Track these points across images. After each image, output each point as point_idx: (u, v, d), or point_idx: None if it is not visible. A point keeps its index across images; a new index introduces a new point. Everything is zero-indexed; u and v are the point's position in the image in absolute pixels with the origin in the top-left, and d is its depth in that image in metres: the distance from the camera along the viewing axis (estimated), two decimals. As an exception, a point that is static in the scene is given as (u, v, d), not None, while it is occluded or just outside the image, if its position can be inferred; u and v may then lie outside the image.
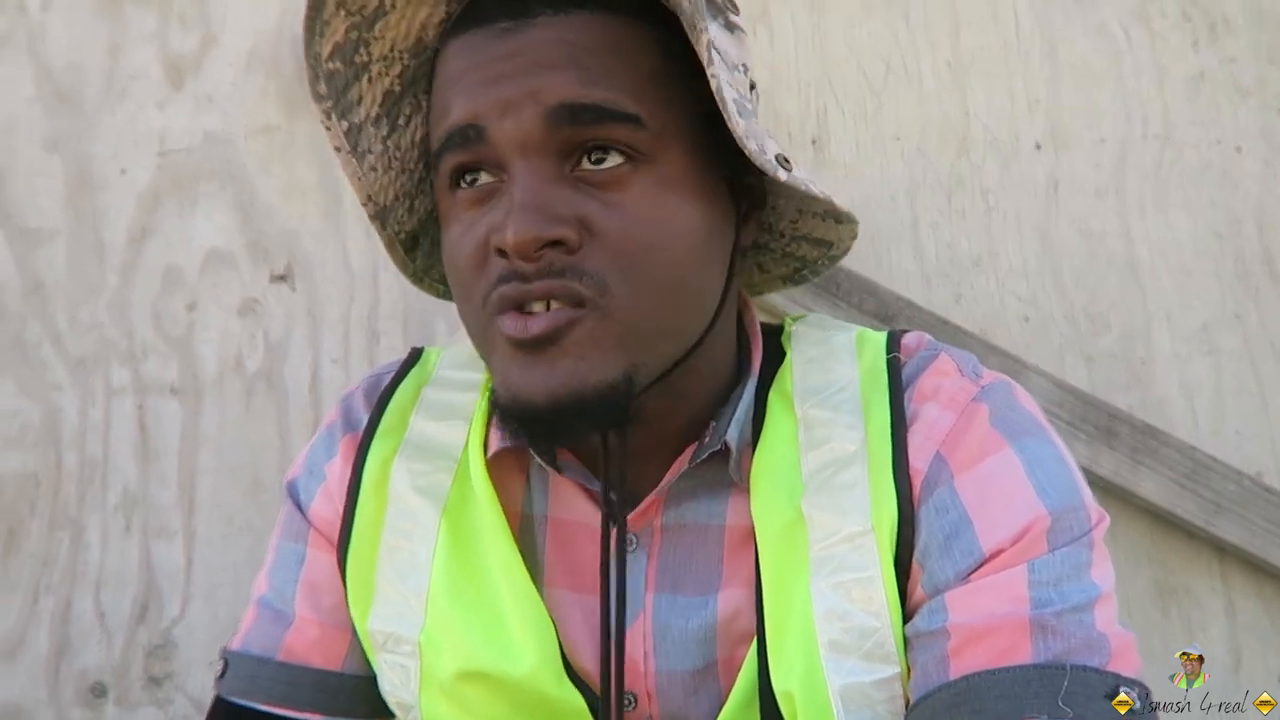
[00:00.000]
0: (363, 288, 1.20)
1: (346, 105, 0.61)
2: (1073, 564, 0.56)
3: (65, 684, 1.12)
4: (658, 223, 0.55)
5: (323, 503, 0.70)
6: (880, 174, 1.23)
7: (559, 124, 0.54)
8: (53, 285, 1.19)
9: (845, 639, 0.57)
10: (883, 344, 0.67)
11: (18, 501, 1.15)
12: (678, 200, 0.56)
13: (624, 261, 0.54)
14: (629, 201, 0.55)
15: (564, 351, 0.54)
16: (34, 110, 1.22)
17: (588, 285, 0.54)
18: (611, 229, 0.54)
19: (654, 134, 0.55)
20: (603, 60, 0.55)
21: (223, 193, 1.21)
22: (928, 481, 0.60)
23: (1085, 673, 0.53)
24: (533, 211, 0.53)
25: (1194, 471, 1.13)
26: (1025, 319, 1.21)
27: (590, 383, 0.54)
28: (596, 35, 0.55)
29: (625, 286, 0.54)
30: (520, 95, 0.54)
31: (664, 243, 0.56)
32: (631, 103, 0.55)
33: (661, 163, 0.56)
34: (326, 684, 0.68)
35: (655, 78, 0.56)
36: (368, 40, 0.60)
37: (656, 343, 0.57)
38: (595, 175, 0.55)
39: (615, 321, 0.55)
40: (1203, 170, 1.24)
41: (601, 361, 0.54)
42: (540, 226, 0.52)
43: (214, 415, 1.17)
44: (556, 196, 0.54)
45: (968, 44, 1.26)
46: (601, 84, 0.54)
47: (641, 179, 0.55)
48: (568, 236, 0.53)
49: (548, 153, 0.55)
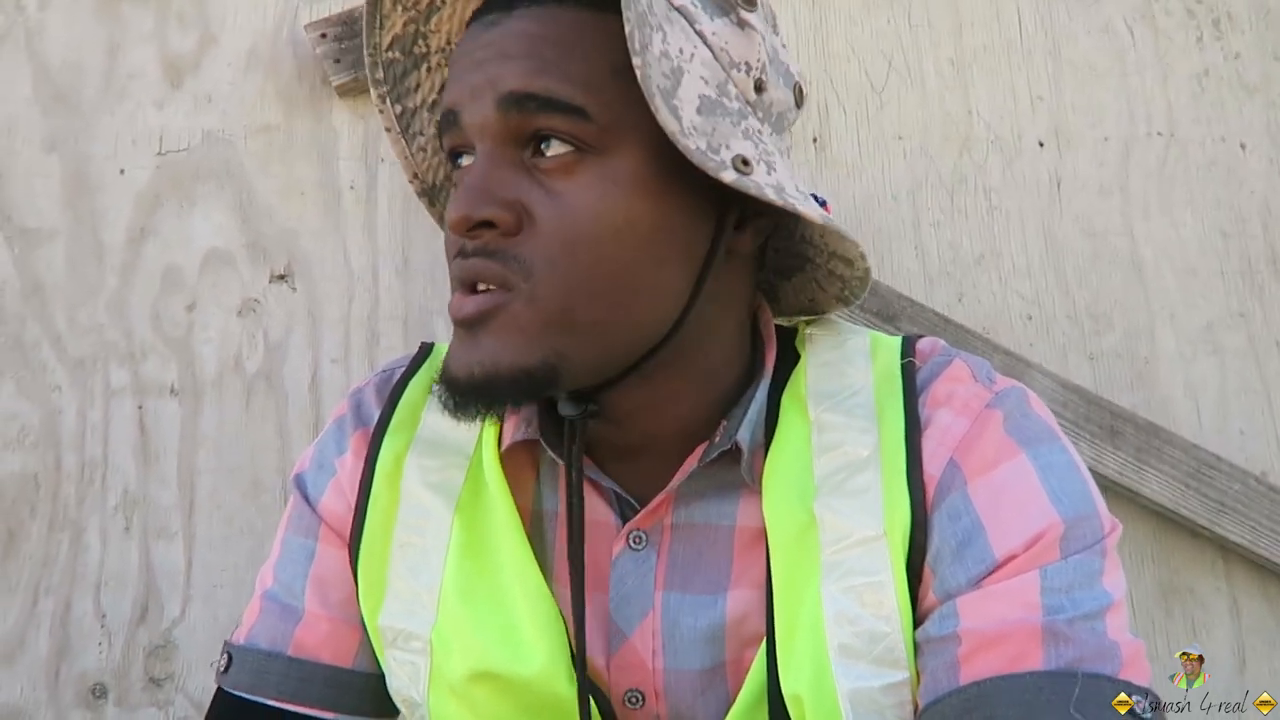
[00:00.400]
0: (362, 287, 1.19)
1: (403, 90, 0.67)
2: (1085, 571, 0.56)
3: (65, 685, 1.12)
4: (596, 216, 0.55)
5: (333, 497, 0.70)
6: (882, 173, 1.23)
7: (508, 111, 0.55)
8: (52, 286, 1.18)
9: (855, 643, 0.57)
10: (897, 348, 0.67)
11: (17, 503, 1.14)
12: (624, 195, 0.56)
13: (554, 250, 0.55)
14: (569, 192, 0.55)
15: (488, 332, 0.56)
16: (32, 110, 1.21)
17: (514, 270, 0.55)
18: (547, 217, 0.55)
19: (602, 127, 0.55)
20: (559, 51, 0.55)
21: (222, 192, 1.21)
22: (941, 487, 0.60)
23: (1097, 680, 0.52)
24: (472, 192, 0.55)
25: (1198, 471, 1.13)
26: (1028, 318, 1.20)
27: (504, 364, 0.55)
28: (561, 27, 0.56)
29: (552, 274, 0.55)
30: (482, 83, 0.56)
31: (599, 236, 0.55)
32: (580, 94, 0.55)
33: (612, 157, 0.56)
34: (337, 680, 0.67)
35: (619, 72, 0.55)
36: (425, 34, 0.65)
37: (587, 335, 0.57)
38: (542, 163, 0.56)
39: (539, 309, 0.55)
40: (1207, 168, 1.24)
41: (520, 345, 0.56)
42: (472, 207, 0.55)
43: (214, 416, 1.16)
44: (501, 180, 0.56)
45: (970, 42, 1.26)
46: (551, 74, 0.55)
47: (587, 171, 0.56)
48: (498, 217, 0.55)
49: (504, 139, 0.56)
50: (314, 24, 1.20)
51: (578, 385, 0.59)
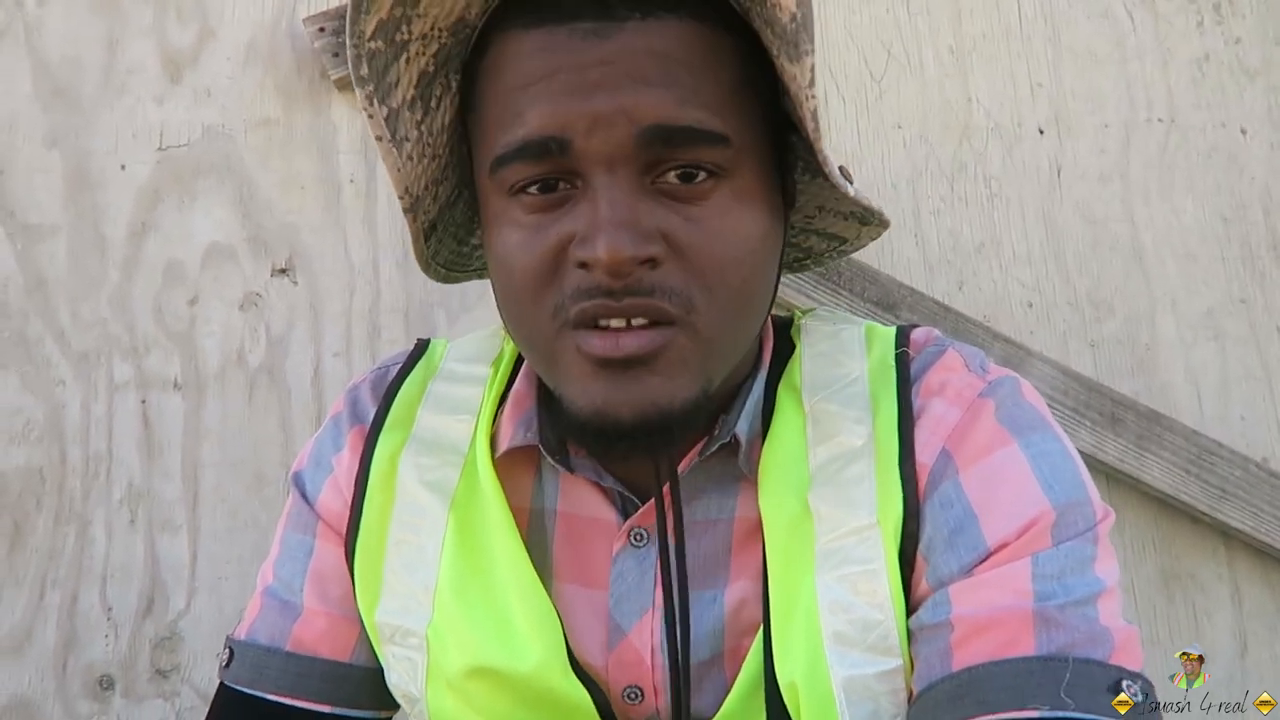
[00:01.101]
0: (363, 281, 1.20)
1: (386, 89, 0.58)
2: (1077, 558, 0.56)
3: (73, 677, 1.13)
4: (736, 237, 0.55)
5: (331, 494, 0.70)
6: (882, 162, 1.23)
7: (651, 144, 0.53)
8: (54, 281, 1.19)
9: (849, 631, 0.57)
10: (892, 339, 0.67)
11: (23, 497, 1.15)
12: (751, 213, 0.56)
13: (707, 278, 0.54)
14: (709, 216, 0.54)
15: (653, 371, 0.54)
16: (33, 106, 1.22)
17: (675, 304, 0.53)
18: (693, 244, 0.54)
19: (736, 150, 0.55)
20: (694, 75, 0.53)
21: (222, 187, 1.21)
22: (933, 476, 0.60)
23: (1088, 665, 0.52)
24: (624, 228, 0.51)
25: (1199, 457, 1.13)
26: (1029, 305, 1.20)
27: (678, 401, 0.54)
28: (688, 46, 0.54)
29: (710, 303, 0.54)
30: (613, 111, 0.52)
31: (741, 256, 0.55)
32: (720, 122, 0.54)
33: (738, 176, 0.55)
34: (335, 674, 0.68)
35: (737, 90, 0.55)
36: (410, 17, 0.56)
37: (731, 355, 0.58)
38: (678, 190, 0.54)
39: (702, 339, 0.55)
40: (1208, 154, 1.24)
41: (687, 380, 0.55)
42: (634, 244, 0.51)
43: (216, 409, 1.17)
44: (642, 211, 0.53)
45: (970, 29, 1.26)
46: (693, 102, 0.53)
47: (721, 193, 0.55)
48: (658, 254, 0.53)
49: (634, 167, 0.53)
50: (312, 18, 1.20)
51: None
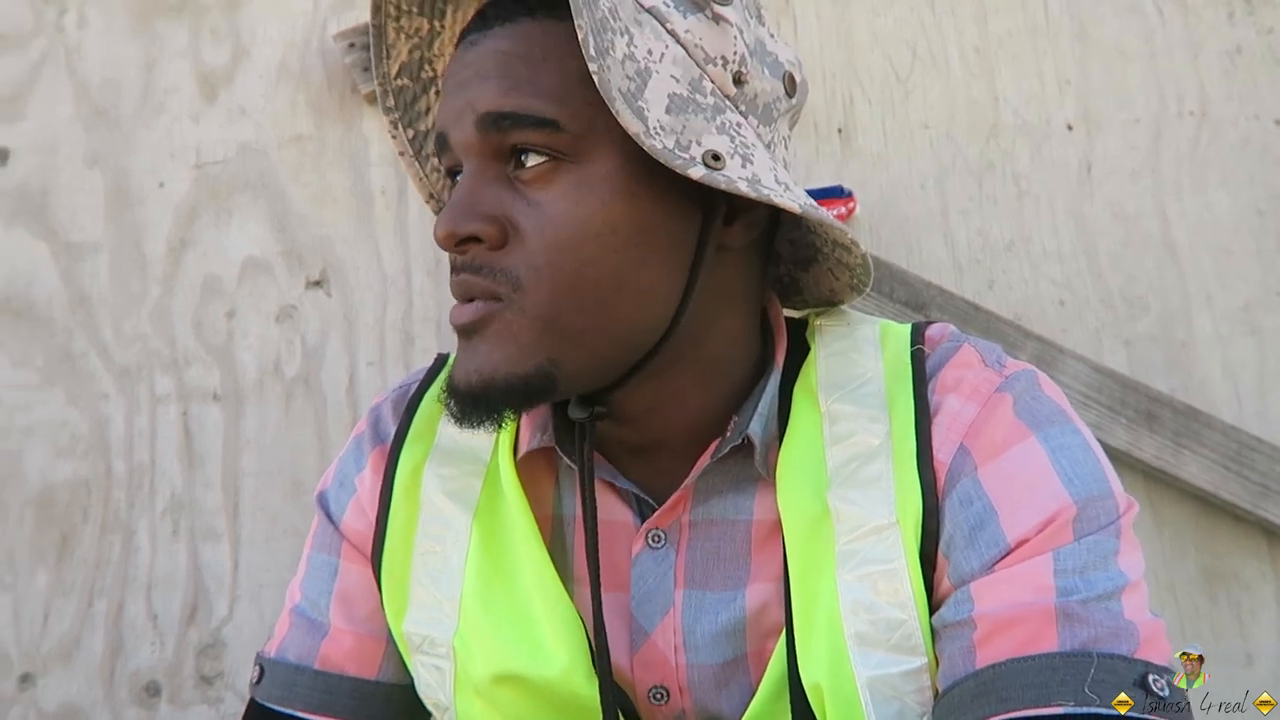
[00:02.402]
0: (396, 292, 1.22)
1: (414, 115, 0.68)
2: (1099, 552, 0.55)
3: (120, 684, 1.15)
4: (576, 221, 0.56)
5: (354, 515, 0.71)
6: (908, 162, 1.22)
7: (486, 130, 0.57)
8: (97, 298, 1.22)
9: (871, 631, 0.57)
10: (907, 336, 0.67)
11: (70, 508, 1.18)
12: (602, 199, 0.56)
13: (539, 259, 0.56)
14: (548, 201, 0.56)
15: (483, 339, 0.57)
16: (74, 128, 1.26)
17: (501, 282, 0.56)
18: (529, 227, 0.56)
19: (576, 135, 0.56)
20: (529, 67, 0.56)
21: (257, 202, 1.24)
22: (951, 473, 0.59)
23: (1112, 660, 0.52)
24: (456, 208, 0.56)
25: (1239, 453, 1.11)
26: (1061, 303, 1.19)
27: (501, 372, 0.56)
28: (530, 42, 0.57)
29: (538, 283, 0.56)
30: (463, 105, 0.57)
31: (580, 241, 0.56)
32: (551, 107, 0.56)
33: (587, 162, 0.57)
34: (362, 692, 0.69)
35: (587, 79, 0.56)
36: (430, 59, 0.67)
37: (579, 340, 0.58)
38: (523, 175, 0.57)
39: (530, 317, 0.56)
40: (1241, 146, 1.22)
41: (515, 353, 0.57)
42: (456, 223, 0.56)
43: (255, 420, 1.19)
44: (485, 195, 0.57)
45: (995, 27, 1.25)
46: (522, 91, 0.56)
47: (564, 179, 0.56)
48: (482, 231, 0.56)
49: (486, 156, 0.58)
50: (342, 34, 1.22)
51: (579, 390, 0.60)
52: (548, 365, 0.57)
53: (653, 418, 0.64)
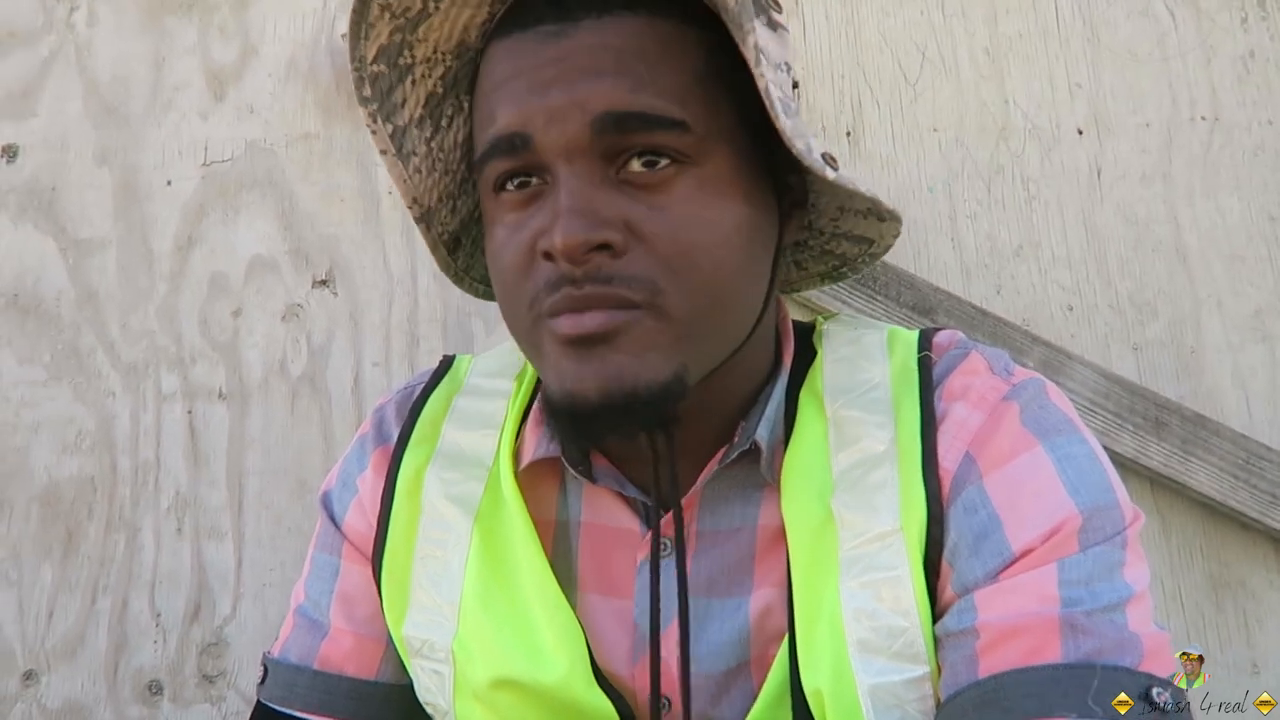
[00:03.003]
0: (402, 291, 1.22)
1: (391, 108, 0.61)
2: (1105, 563, 0.55)
3: (123, 682, 1.15)
4: (702, 224, 0.55)
5: (356, 516, 0.71)
6: (917, 165, 1.22)
7: (604, 131, 0.54)
8: (104, 294, 1.22)
9: (874, 638, 0.57)
10: (914, 343, 0.66)
11: (76, 505, 1.19)
12: (722, 201, 0.56)
13: (671, 263, 0.54)
14: (673, 204, 0.55)
15: (617, 349, 0.54)
16: (83, 125, 1.26)
17: (637, 289, 0.54)
18: (657, 231, 0.54)
19: (699, 137, 0.55)
20: (649, 65, 0.54)
21: (264, 201, 1.24)
22: (957, 481, 0.59)
23: (1116, 672, 0.51)
24: (579, 215, 0.53)
25: (1248, 462, 1.10)
26: (1069, 308, 1.18)
27: (643, 380, 0.54)
28: (642, 38, 0.55)
29: (675, 287, 0.54)
30: (566, 103, 0.54)
31: (709, 243, 0.55)
32: (677, 108, 0.54)
33: (706, 164, 0.56)
34: (360, 692, 0.69)
35: (701, 79, 0.56)
36: (411, 43, 0.60)
37: (707, 342, 0.57)
38: (640, 178, 0.55)
39: (669, 321, 0.55)
40: (1254, 151, 1.21)
41: (655, 360, 0.54)
42: (586, 230, 0.52)
43: (260, 418, 1.19)
44: (601, 200, 0.54)
45: (1006, 30, 1.24)
46: (647, 90, 0.54)
47: (685, 181, 0.55)
48: (613, 239, 0.53)
49: (593, 157, 0.55)
50: (350, 33, 1.22)
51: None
52: (681, 370, 0.55)
53: (688, 424, 0.61)
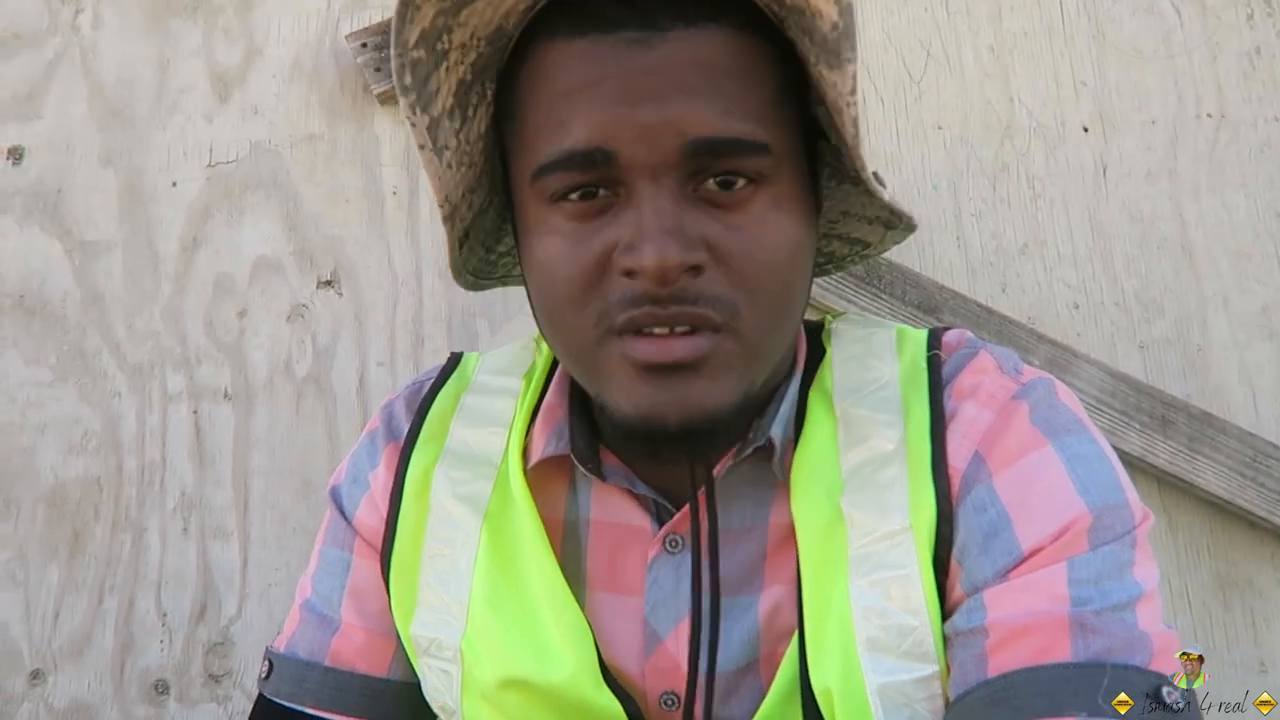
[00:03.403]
0: (406, 292, 1.22)
1: (427, 97, 0.57)
2: (1114, 562, 0.55)
3: (130, 682, 1.16)
4: (775, 243, 0.55)
5: (368, 511, 0.71)
6: (922, 163, 1.22)
7: (697, 154, 0.53)
8: (110, 296, 1.23)
9: (883, 637, 0.57)
10: (923, 341, 0.66)
11: (82, 505, 1.19)
12: (790, 220, 0.56)
13: (748, 284, 0.54)
14: (750, 223, 0.54)
15: (699, 375, 0.54)
16: (89, 127, 1.26)
17: (719, 310, 0.54)
18: (735, 251, 0.54)
19: (777, 158, 0.55)
20: (738, 84, 0.54)
21: (269, 202, 1.24)
22: (966, 480, 0.59)
23: (1126, 671, 0.51)
24: (671, 236, 0.52)
25: (1255, 460, 1.10)
26: (1075, 306, 1.18)
27: (722, 405, 0.54)
28: (730, 55, 0.54)
29: (752, 309, 0.55)
30: (660, 123, 0.52)
31: (781, 263, 0.56)
32: (763, 131, 0.54)
33: (777, 184, 0.56)
34: (372, 689, 0.69)
35: (777, 99, 0.56)
36: (451, 26, 0.56)
37: (770, 360, 0.58)
38: (720, 197, 0.54)
39: (747, 345, 0.55)
40: (1260, 148, 1.21)
41: (731, 384, 0.55)
42: (681, 252, 0.52)
43: (265, 419, 1.20)
44: (686, 219, 0.53)
45: (1010, 27, 1.24)
46: (737, 113, 0.53)
47: (760, 200, 0.55)
48: (704, 262, 0.53)
49: (679, 176, 0.54)
50: (354, 34, 1.22)
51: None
52: (749, 389, 0.56)
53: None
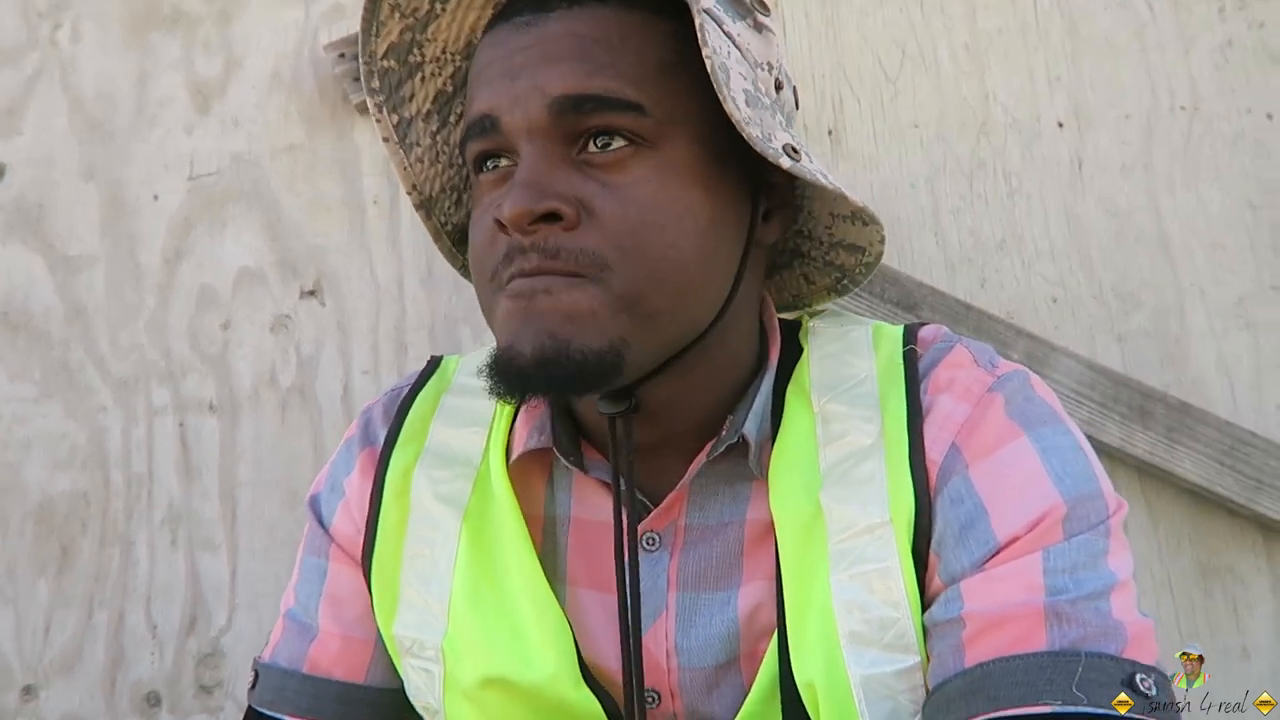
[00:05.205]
0: (389, 300, 1.22)
1: (399, 100, 0.65)
2: (1089, 552, 0.56)
3: (121, 695, 1.16)
4: (656, 206, 0.56)
5: (343, 518, 0.72)
6: (899, 162, 1.23)
7: (563, 113, 0.56)
8: (93, 310, 1.23)
9: (865, 630, 0.57)
10: (899, 337, 0.67)
11: (69, 520, 1.19)
12: (679, 186, 0.57)
13: (622, 240, 0.56)
14: (628, 184, 0.56)
15: (557, 305, 0.55)
16: (69, 142, 1.26)
17: (584, 263, 0.55)
18: (609, 209, 0.56)
19: (658, 121, 0.57)
20: (609, 51, 0.56)
21: (250, 213, 1.24)
22: (943, 472, 0.60)
23: (1100, 660, 0.52)
24: (528, 187, 0.55)
25: (1233, 448, 1.11)
26: (1053, 300, 1.19)
27: (576, 342, 0.55)
28: (606, 27, 0.57)
29: (623, 263, 0.55)
30: (528, 87, 0.56)
31: (662, 225, 0.56)
32: (634, 91, 0.56)
33: (665, 149, 0.57)
34: (349, 696, 0.69)
35: (665, 68, 0.57)
36: (421, 42, 0.64)
37: (655, 324, 0.58)
38: (597, 158, 0.57)
39: (612, 295, 0.55)
40: (1234, 140, 1.22)
41: (591, 327, 0.55)
42: (532, 200, 0.54)
43: (251, 430, 1.20)
44: (555, 176, 0.56)
45: (985, 25, 1.25)
46: (605, 74, 0.56)
47: (642, 163, 0.56)
48: (560, 210, 0.55)
49: (553, 137, 0.56)
50: (333, 44, 1.23)
51: (630, 378, 0.58)
52: (619, 345, 0.56)
53: (664, 415, 0.63)
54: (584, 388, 0.57)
